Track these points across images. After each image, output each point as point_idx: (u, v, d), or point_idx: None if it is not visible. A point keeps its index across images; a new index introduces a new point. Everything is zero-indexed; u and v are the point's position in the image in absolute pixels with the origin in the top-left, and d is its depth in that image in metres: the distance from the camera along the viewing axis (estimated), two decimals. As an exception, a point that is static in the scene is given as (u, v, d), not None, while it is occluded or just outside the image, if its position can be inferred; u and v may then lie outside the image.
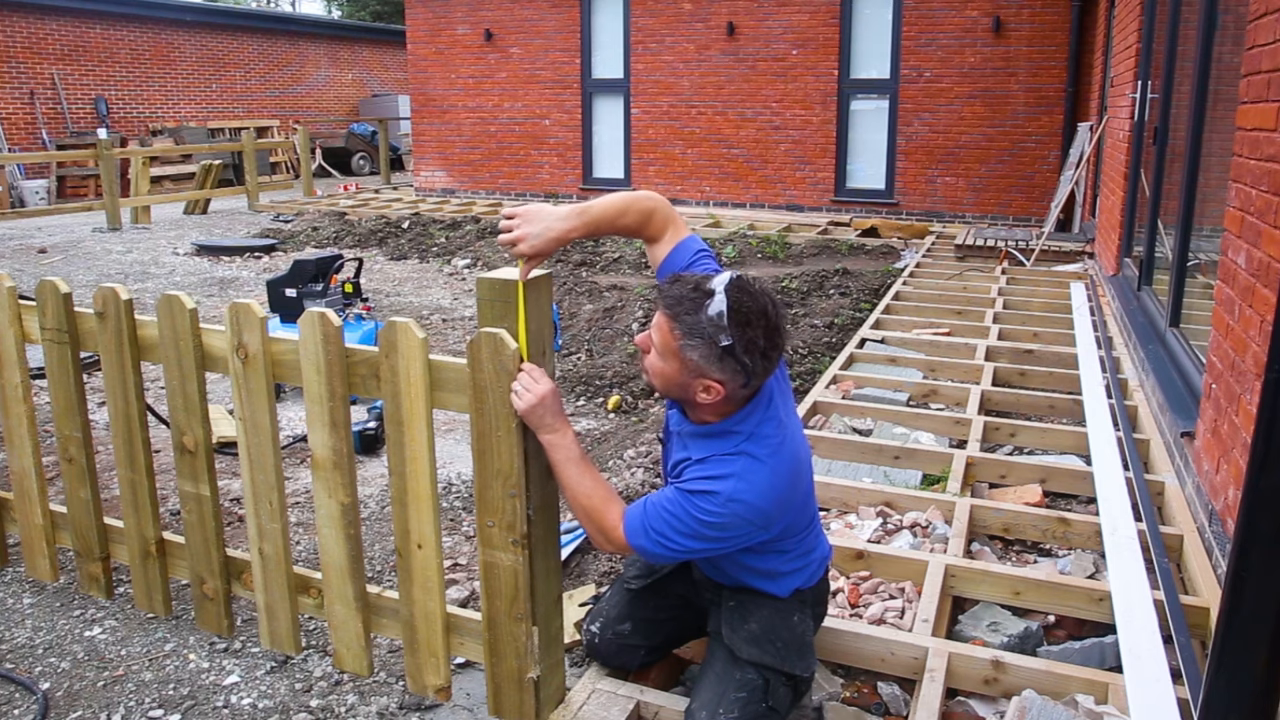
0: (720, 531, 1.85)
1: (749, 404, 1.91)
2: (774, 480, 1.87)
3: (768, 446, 1.88)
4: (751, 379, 1.83)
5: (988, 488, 3.51)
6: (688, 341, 1.80)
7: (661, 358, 1.86)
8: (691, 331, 1.79)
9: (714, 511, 1.84)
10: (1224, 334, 2.99)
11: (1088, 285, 6.86)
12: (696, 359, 1.80)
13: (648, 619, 2.23)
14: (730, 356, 1.78)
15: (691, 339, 1.79)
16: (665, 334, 1.83)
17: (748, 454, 1.87)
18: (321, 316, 2.12)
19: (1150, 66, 5.97)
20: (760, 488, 1.85)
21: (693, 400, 1.89)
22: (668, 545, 1.88)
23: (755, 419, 1.90)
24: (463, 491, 3.61)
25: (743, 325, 1.78)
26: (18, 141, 14.95)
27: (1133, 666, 2.18)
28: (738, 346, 1.78)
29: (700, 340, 1.78)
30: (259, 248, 9.45)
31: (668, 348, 1.83)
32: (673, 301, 1.82)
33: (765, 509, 1.86)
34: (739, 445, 1.88)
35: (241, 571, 2.49)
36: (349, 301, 5.18)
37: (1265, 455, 1.40)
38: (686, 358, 1.81)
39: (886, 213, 11.20)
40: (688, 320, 1.79)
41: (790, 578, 2.06)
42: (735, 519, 1.84)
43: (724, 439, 1.90)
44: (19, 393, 2.67)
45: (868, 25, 11.04)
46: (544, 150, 12.95)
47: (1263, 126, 2.71)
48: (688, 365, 1.82)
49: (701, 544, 1.88)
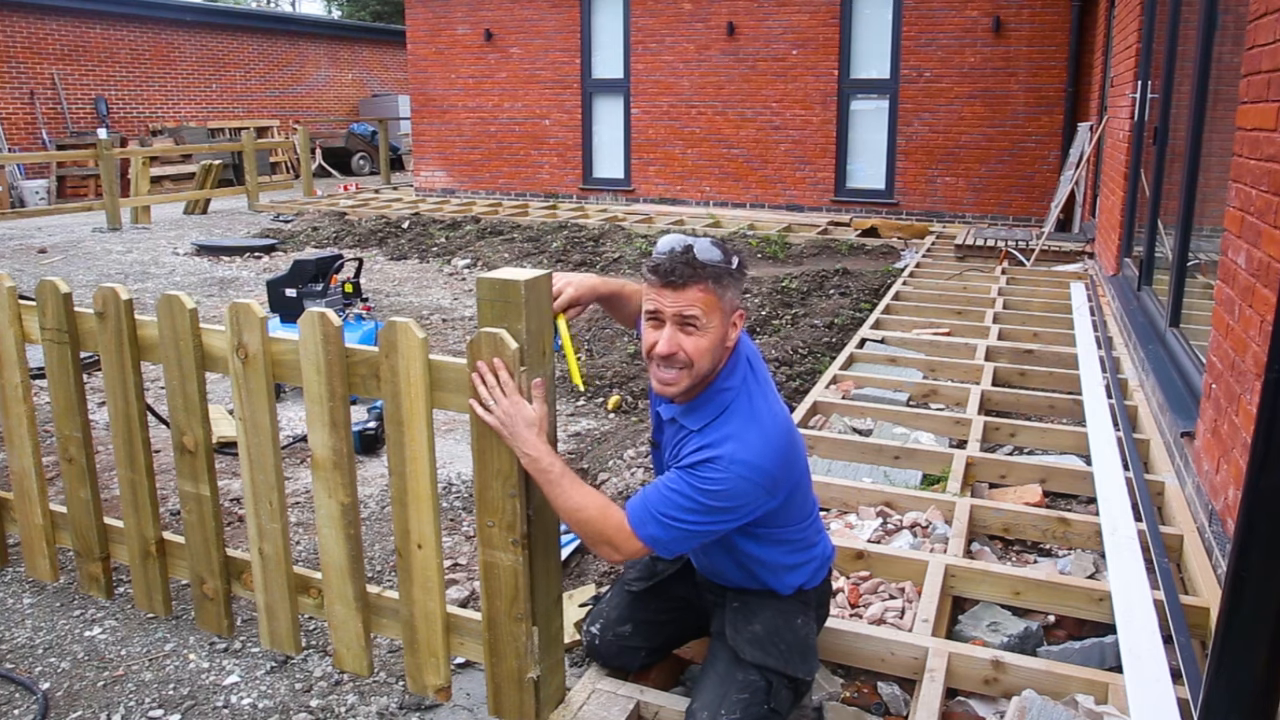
0: (728, 500, 1.84)
1: (730, 360, 1.96)
2: (770, 435, 1.89)
3: (757, 403, 1.93)
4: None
5: (988, 488, 3.51)
6: (721, 285, 1.88)
7: (705, 327, 1.87)
8: (719, 275, 1.88)
9: (718, 478, 1.83)
10: (1224, 334, 2.99)
11: (1088, 285, 6.86)
12: (732, 295, 1.91)
13: (648, 621, 2.23)
14: (743, 273, 1.94)
15: (721, 280, 1.88)
16: (704, 297, 1.87)
17: (739, 414, 1.90)
18: (321, 316, 2.12)
19: (1150, 66, 5.97)
20: (757, 445, 1.86)
21: (725, 353, 1.93)
22: (679, 526, 1.86)
23: (740, 374, 1.96)
24: (463, 491, 3.61)
25: (723, 246, 1.92)
26: (18, 141, 14.95)
27: (1133, 666, 2.18)
28: (742, 260, 1.93)
29: (728, 276, 1.89)
30: (259, 248, 9.45)
31: (711, 307, 1.88)
32: (682, 269, 1.86)
33: (767, 468, 1.86)
34: (729, 402, 1.92)
35: (241, 571, 2.49)
36: (349, 301, 5.18)
37: (1265, 455, 1.40)
38: (726, 300, 1.90)
39: (886, 213, 11.19)
40: (712, 270, 1.87)
41: (793, 573, 2.06)
42: (740, 482, 1.84)
43: (715, 399, 1.94)
44: (19, 393, 2.67)
45: (868, 25, 11.04)
46: (544, 150, 12.95)
47: (1263, 126, 2.71)
48: (726, 309, 1.90)
49: (712, 519, 1.86)
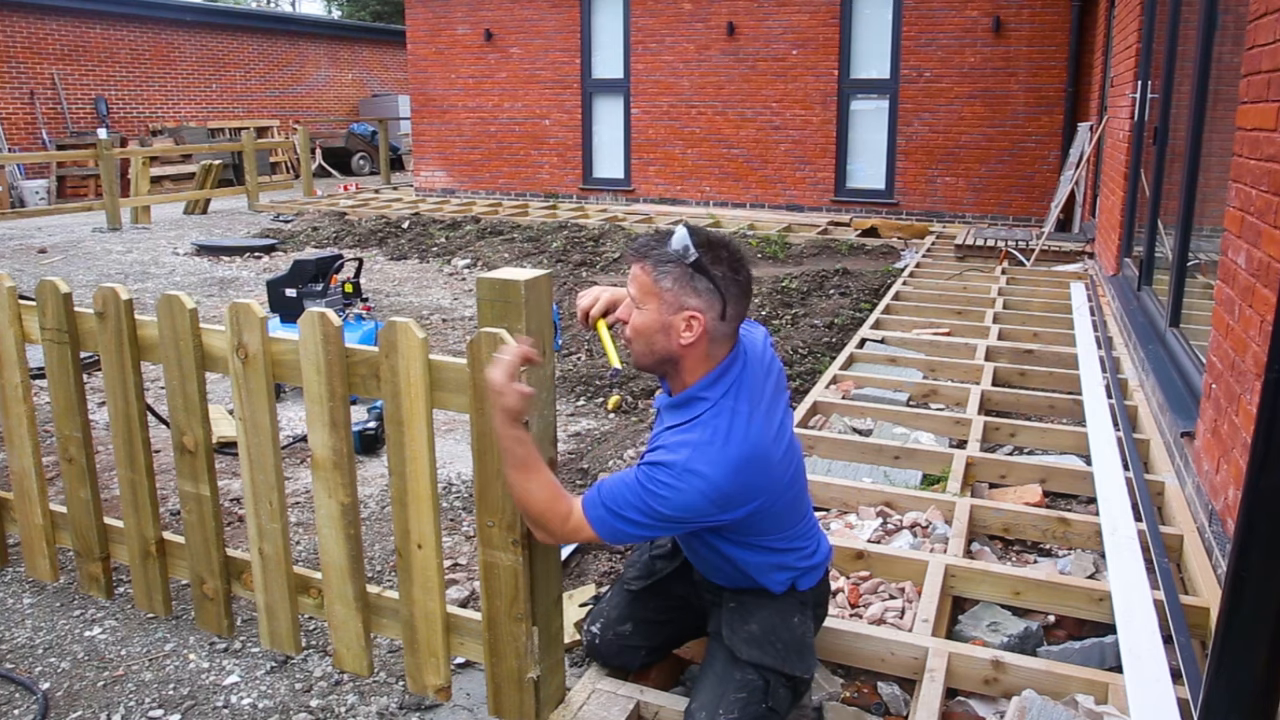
0: (673, 508, 1.82)
1: (720, 369, 1.92)
2: (731, 454, 1.83)
3: (732, 421, 1.87)
4: (726, 302, 1.87)
5: (988, 488, 3.51)
6: (660, 271, 1.86)
7: (641, 304, 1.89)
8: (661, 260, 1.87)
9: (667, 484, 1.81)
10: (1224, 334, 2.99)
11: (1088, 285, 6.86)
12: (671, 284, 1.86)
13: (648, 620, 2.23)
14: (701, 274, 1.85)
15: (662, 266, 1.86)
16: (640, 276, 1.89)
17: (708, 425, 1.86)
18: (321, 316, 2.12)
19: (1150, 66, 5.97)
20: (716, 460, 1.82)
21: (677, 351, 1.89)
22: (623, 520, 1.85)
23: (723, 387, 1.91)
24: (463, 491, 3.61)
25: (706, 245, 1.88)
26: (18, 141, 14.95)
27: (1133, 666, 2.18)
28: (704, 259, 1.85)
29: (671, 265, 1.86)
30: (259, 248, 9.45)
31: (644, 288, 1.88)
32: (640, 245, 1.91)
33: (720, 484, 1.81)
34: (702, 411, 1.89)
35: (241, 571, 2.49)
36: (349, 301, 5.18)
37: (1265, 455, 1.40)
38: (663, 288, 1.86)
39: (886, 213, 11.20)
40: (656, 253, 1.87)
41: (782, 573, 2.05)
42: (691, 492, 1.81)
43: (691, 405, 1.92)
44: (19, 393, 2.67)
45: (868, 25, 11.04)
46: (544, 150, 12.95)
47: (1263, 126, 2.71)
48: (665, 299, 1.86)
49: (656, 522, 1.85)
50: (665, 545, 2.30)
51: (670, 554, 2.28)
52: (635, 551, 2.41)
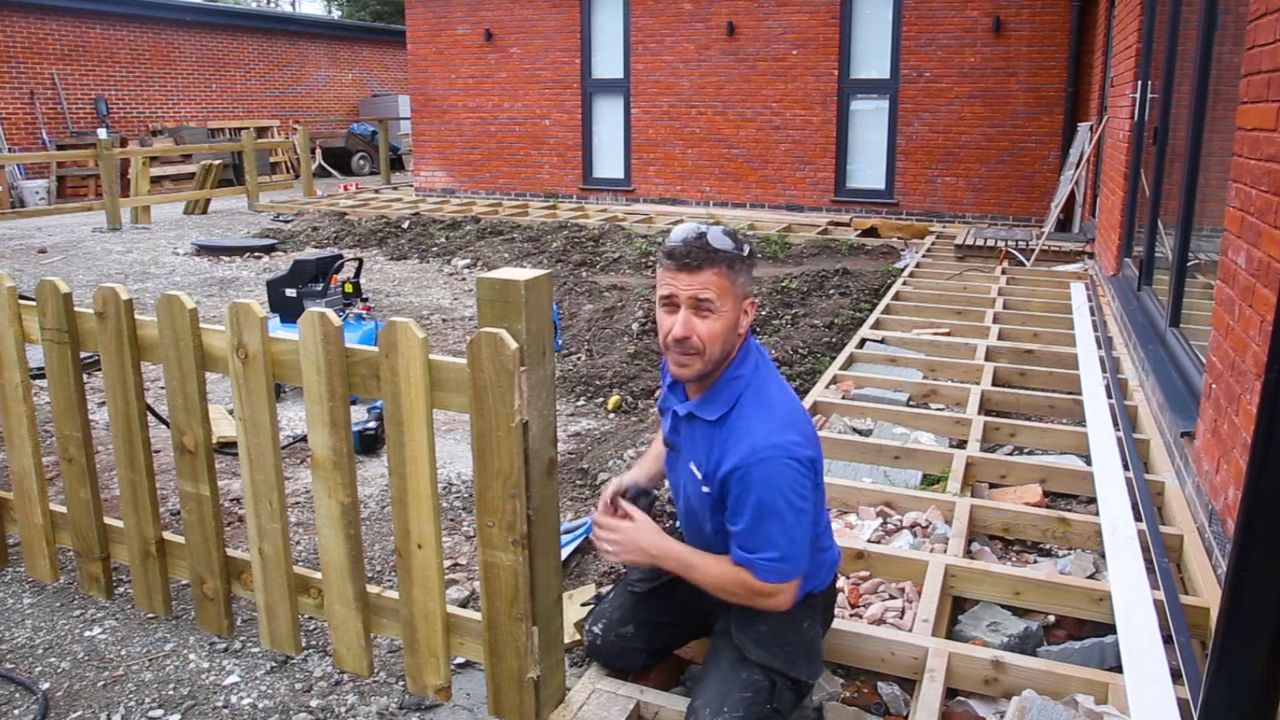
0: (801, 486, 1.90)
1: (741, 349, 2.01)
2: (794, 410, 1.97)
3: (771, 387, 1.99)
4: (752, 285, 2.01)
5: (988, 488, 3.51)
6: (734, 269, 1.93)
7: (717, 311, 1.93)
8: (733, 260, 1.93)
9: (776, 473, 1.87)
10: (1224, 334, 2.99)
11: (1088, 285, 6.86)
12: (744, 280, 1.97)
13: (651, 622, 2.23)
14: (753, 260, 2.01)
15: (734, 265, 1.94)
16: (717, 280, 1.92)
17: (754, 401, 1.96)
18: (321, 316, 2.12)
19: (1150, 66, 5.97)
20: (785, 420, 1.93)
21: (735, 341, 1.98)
22: (790, 540, 1.90)
23: (751, 362, 2.01)
24: (463, 491, 3.61)
25: (734, 235, 1.97)
26: (18, 141, 14.95)
27: (1133, 666, 2.18)
28: (746, 246, 1.98)
29: (740, 262, 1.95)
30: (259, 248, 9.45)
31: (724, 291, 1.93)
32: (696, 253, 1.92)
33: (793, 437, 1.91)
34: (742, 390, 1.97)
35: (241, 571, 2.49)
36: (349, 301, 5.18)
37: (1265, 455, 1.40)
38: (738, 285, 1.95)
39: (886, 213, 11.20)
40: (726, 254, 1.92)
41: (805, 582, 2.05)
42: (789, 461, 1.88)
43: (730, 388, 1.98)
44: (19, 393, 2.67)
45: (868, 25, 11.04)
46: (544, 150, 12.95)
47: (1263, 126, 2.71)
48: (738, 295, 1.95)
49: (805, 507, 1.91)
50: None
51: None
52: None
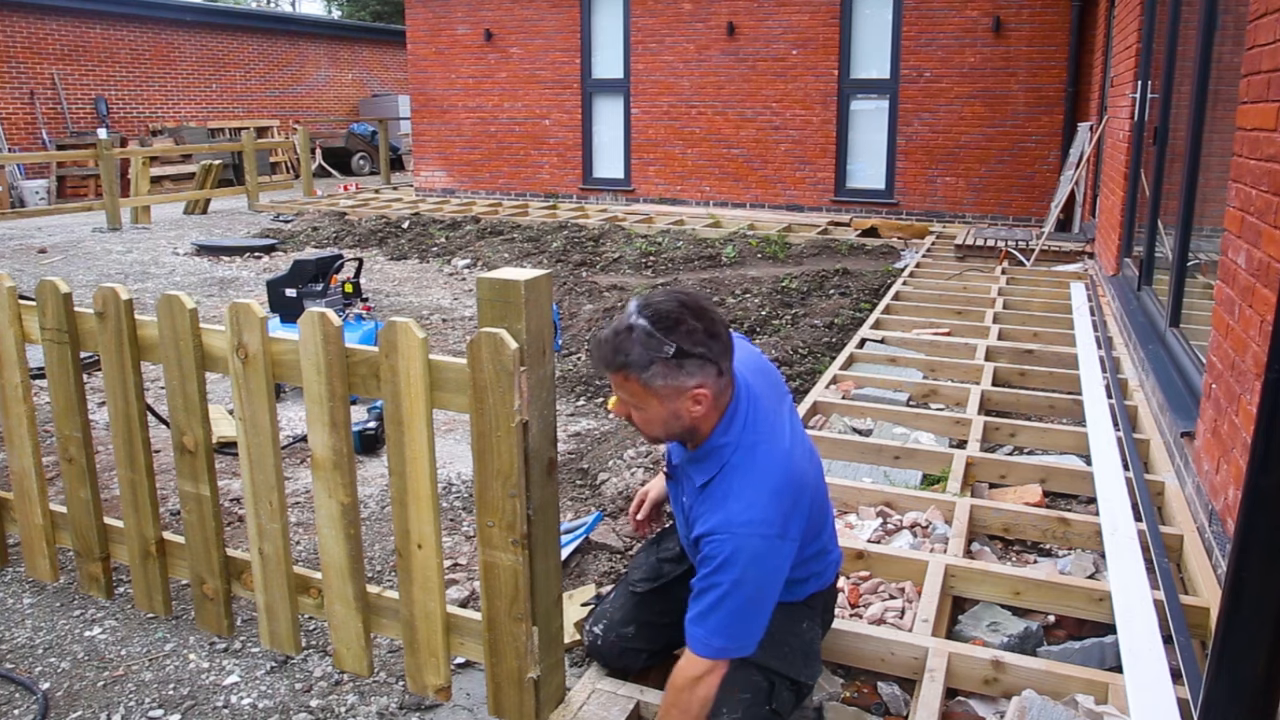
0: (756, 567, 1.80)
1: (729, 413, 1.91)
2: (770, 485, 1.84)
3: (755, 453, 1.88)
4: (721, 364, 1.84)
5: (988, 488, 3.51)
6: (645, 375, 1.81)
7: (642, 408, 1.87)
8: (640, 365, 1.81)
9: (731, 550, 1.78)
10: (1224, 334, 2.99)
11: (1088, 285, 6.86)
12: (663, 383, 1.81)
13: (652, 623, 2.22)
14: (686, 356, 1.80)
15: (645, 370, 1.81)
16: (627, 385, 1.85)
17: (737, 470, 1.87)
18: (321, 316, 2.12)
19: (1150, 66, 5.97)
20: (751, 496, 1.83)
21: (693, 423, 1.89)
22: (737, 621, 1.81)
23: (737, 428, 1.90)
24: (463, 491, 3.61)
25: (671, 326, 1.80)
26: (18, 141, 14.95)
27: (1133, 666, 2.18)
28: (683, 345, 1.80)
29: (655, 365, 1.80)
30: (259, 248, 9.45)
31: (637, 396, 1.85)
32: (609, 356, 1.84)
33: (770, 516, 1.82)
34: (726, 459, 1.89)
35: (241, 571, 2.49)
36: (349, 301, 5.18)
37: (1265, 455, 1.40)
38: (656, 388, 1.82)
39: (886, 213, 11.19)
40: (631, 360, 1.81)
41: (805, 584, 2.06)
42: (758, 541, 1.79)
43: (712, 458, 1.91)
44: (19, 393, 2.67)
45: (868, 25, 11.04)
46: (544, 150, 12.95)
47: (1263, 126, 2.71)
48: (663, 394, 1.83)
49: (757, 592, 1.82)
50: (673, 549, 2.28)
51: (678, 558, 2.26)
52: (641, 553, 2.40)
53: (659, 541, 2.35)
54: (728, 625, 1.81)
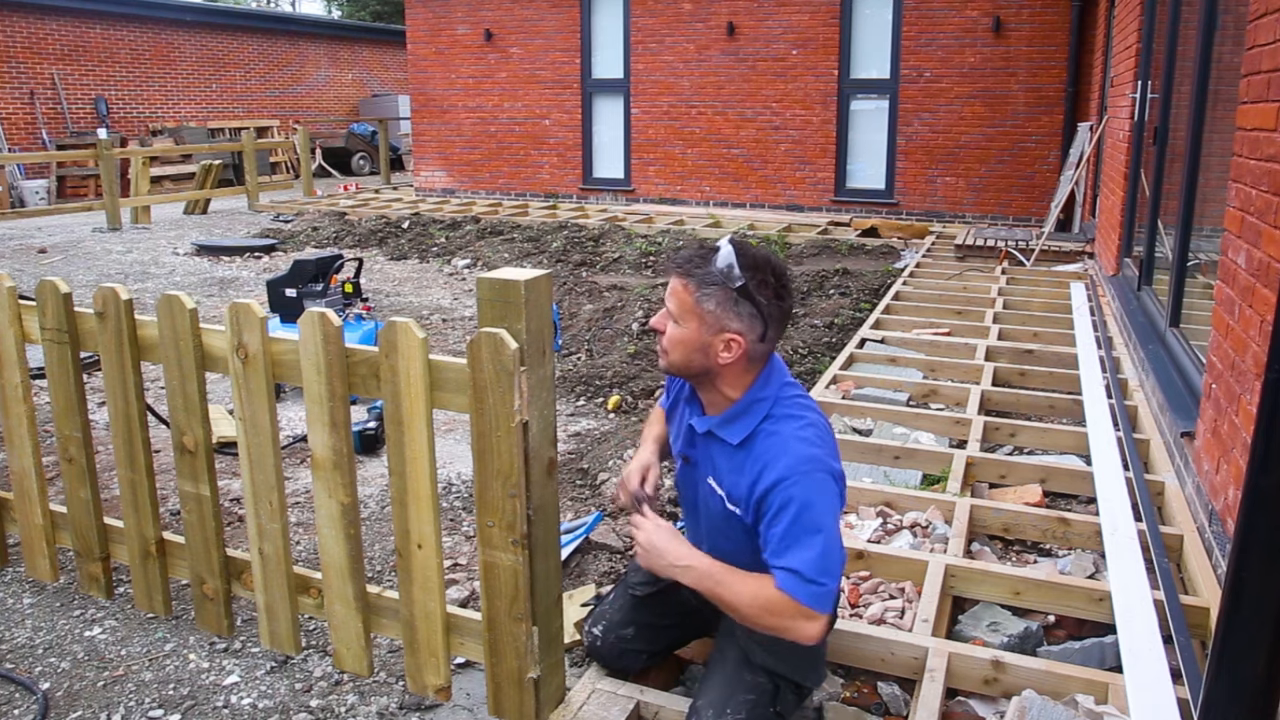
0: (829, 495, 1.82)
1: (766, 372, 1.93)
2: (819, 428, 1.89)
3: (796, 405, 1.91)
4: (768, 326, 1.86)
5: (988, 488, 3.51)
6: (703, 292, 1.84)
7: (680, 321, 1.88)
8: (705, 281, 1.84)
9: (809, 487, 1.79)
10: (1224, 334, 2.99)
11: (1088, 285, 6.86)
12: (714, 308, 1.84)
13: (651, 624, 2.22)
14: (745, 299, 1.83)
15: (707, 288, 1.84)
16: (681, 294, 1.87)
17: (787, 416, 1.88)
18: (321, 316, 2.12)
19: (1150, 66, 5.97)
20: (812, 437, 1.85)
21: (713, 369, 1.89)
22: (821, 562, 1.77)
23: (775, 384, 1.93)
24: (463, 491, 3.61)
25: (752, 267, 1.84)
26: (18, 141, 14.95)
27: (1133, 666, 2.18)
28: (750, 285, 1.82)
29: (715, 287, 1.83)
30: (259, 248, 9.45)
31: (685, 307, 1.86)
32: (684, 261, 1.88)
33: (831, 454, 1.86)
34: (771, 409, 1.89)
35: (241, 571, 2.49)
36: (349, 301, 5.18)
37: (1265, 455, 1.40)
38: (705, 309, 1.84)
39: (886, 213, 11.20)
40: (700, 273, 1.84)
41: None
42: (826, 478, 1.82)
43: (753, 410, 1.91)
44: (19, 393, 2.67)
45: (868, 25, 11.04)
46: (544, 150, 12.95)
47: (1263, 126, 2.71)
48: (706, 320, 1.85)
49: (833, 522, 1.82)
50: None
51: None
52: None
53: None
54: (822, 557, 1.78)
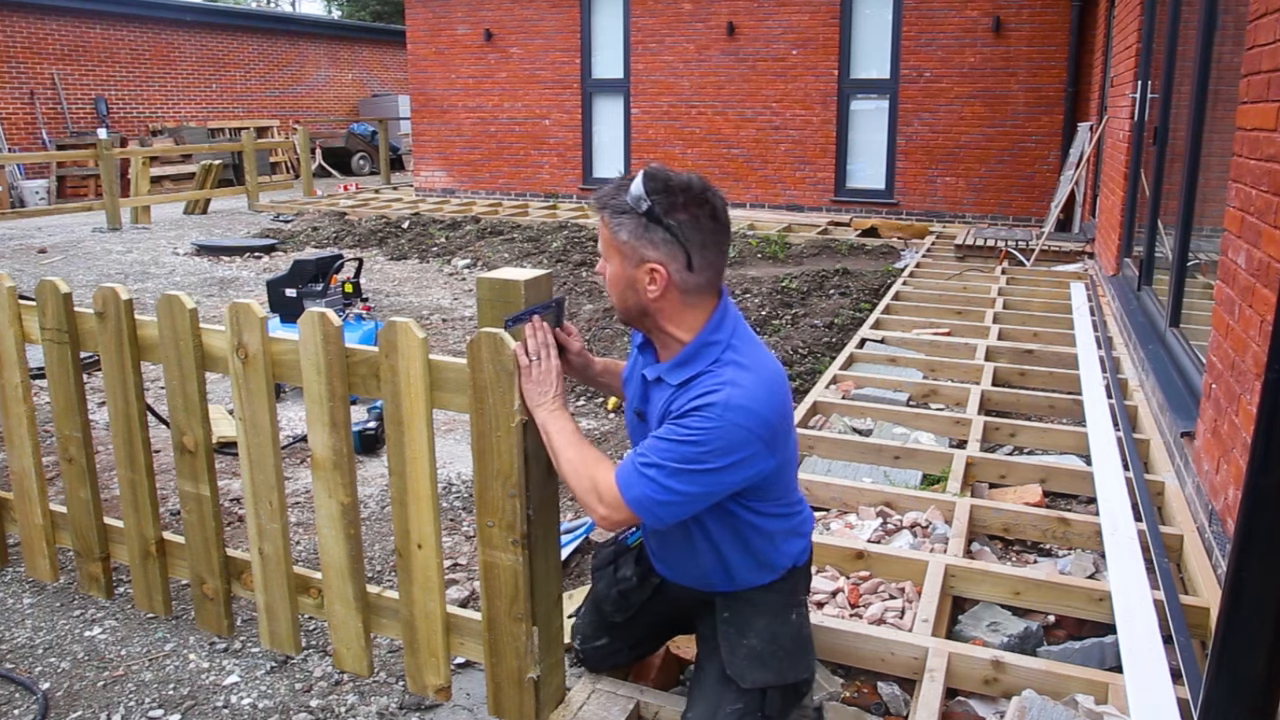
0: (724, 456, 1.70)
1: (718, 315, 1.84)
2: (768, 384, 1.77)
3: (750, 354, 1.81)
4: (690, 252, 1.76)
5: (988, 488, 3.51)
6: (616, 221, 1.77)
7: (607, 259, 1.83)
8: (616, 210, 1.78)
9: (711, 429, 1.69)
10: (1224, 334, 2.99)
11: (1088, 285, 6.86)
12: (627, 237, 1.77)
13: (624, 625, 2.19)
14: (656, 224, 1.74)
15: (618, 217, 1.77)
16: (601, 228, 1.83)
17: (735, 362, 1.78)
18: (321, 316, 2.12)
19: (1150, 66, 5.97)
20: (757, 392, 1.73)
21: (648, 305, 1.82)
22: (666, 488, 1.72)
23: (728, 328, 1.83)
24: (463, 491, 3.61)
25: (662, 191, 1.74)
26: (18, 141, 14.94)
27: (1133, 666, 2.18)
28: (658, 208, 1.73)
29: (625, 215, 1.76)
30: (259, 248, 9.45)
31: (605, 241, 1.82)
32: (600, 194, 1.82)
33: (767, 416, 1.74)
34: (721, 354, 1.80)
35: (241, 571, 2.49)
36: (349, 301, 5.18)
37: (1265, 455, 1.40)
38: (620, 241, 1.78)
39: (886, 213, 11.20)
40: (613, 203, 1.78)
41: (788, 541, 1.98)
42: (738, 431, 1.70)
43: (702, 354, 1.81)
44: (19, 393, 2.67)
45: (868, 25, 11.04)
46: (544, 150, 12.95)
47: (1263, 126, 2.71)
48: (625, 252, 1.78)
49: (705, 480, 1.72)
50: (631, 578, 2.16)
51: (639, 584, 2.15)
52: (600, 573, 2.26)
53: (615, 567, 2.22)
54: (660, 489, 1.73)
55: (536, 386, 1.90)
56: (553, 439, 1.90)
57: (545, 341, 1.92)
